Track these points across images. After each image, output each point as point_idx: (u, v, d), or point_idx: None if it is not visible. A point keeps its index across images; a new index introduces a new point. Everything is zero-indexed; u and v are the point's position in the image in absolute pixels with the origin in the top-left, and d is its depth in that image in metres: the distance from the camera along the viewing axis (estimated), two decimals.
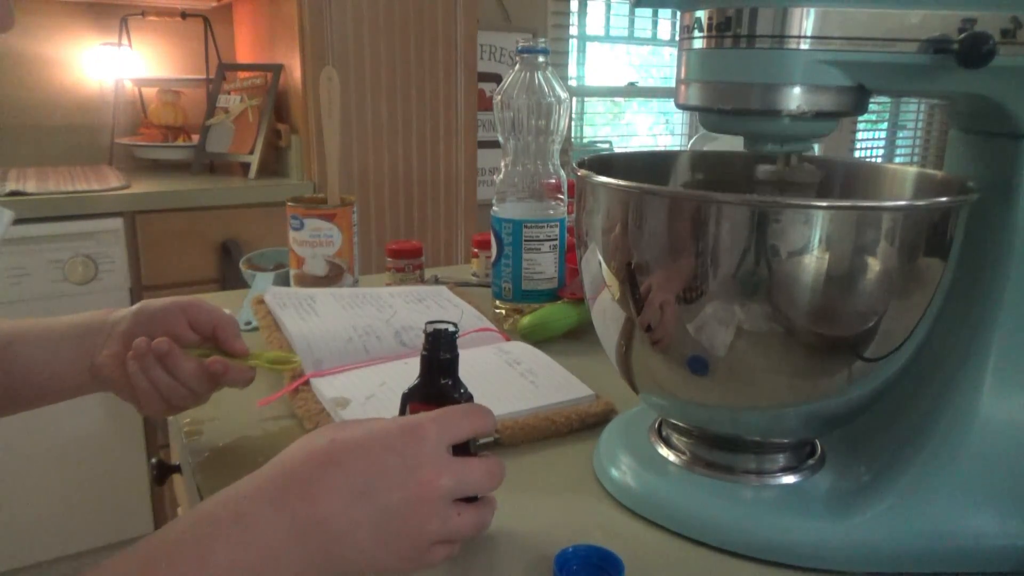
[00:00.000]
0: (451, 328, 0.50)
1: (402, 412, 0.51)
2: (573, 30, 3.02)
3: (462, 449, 0.46)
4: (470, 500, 0.45)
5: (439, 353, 0.50)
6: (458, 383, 0.51)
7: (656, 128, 3.52)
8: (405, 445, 0.43)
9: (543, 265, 0.92)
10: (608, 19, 3.19)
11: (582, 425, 0.67)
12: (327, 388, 0.70)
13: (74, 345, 0.63)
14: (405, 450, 0.43)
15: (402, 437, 0.43)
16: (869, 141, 4.04)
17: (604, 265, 0.52)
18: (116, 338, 0.62)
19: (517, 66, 0.90)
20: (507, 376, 0.73)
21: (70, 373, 0.63)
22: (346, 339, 0.78)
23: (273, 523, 0.40)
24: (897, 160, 4.12)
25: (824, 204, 0.44)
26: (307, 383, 0.72)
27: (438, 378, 0.50)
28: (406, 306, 0.88)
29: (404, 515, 0.42)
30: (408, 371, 0.74)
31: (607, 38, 3.23)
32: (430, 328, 0.50)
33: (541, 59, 0.90)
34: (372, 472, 0.42)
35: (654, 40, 3.38)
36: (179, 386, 0.60)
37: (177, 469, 0.78)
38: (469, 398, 0.51)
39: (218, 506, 0.41)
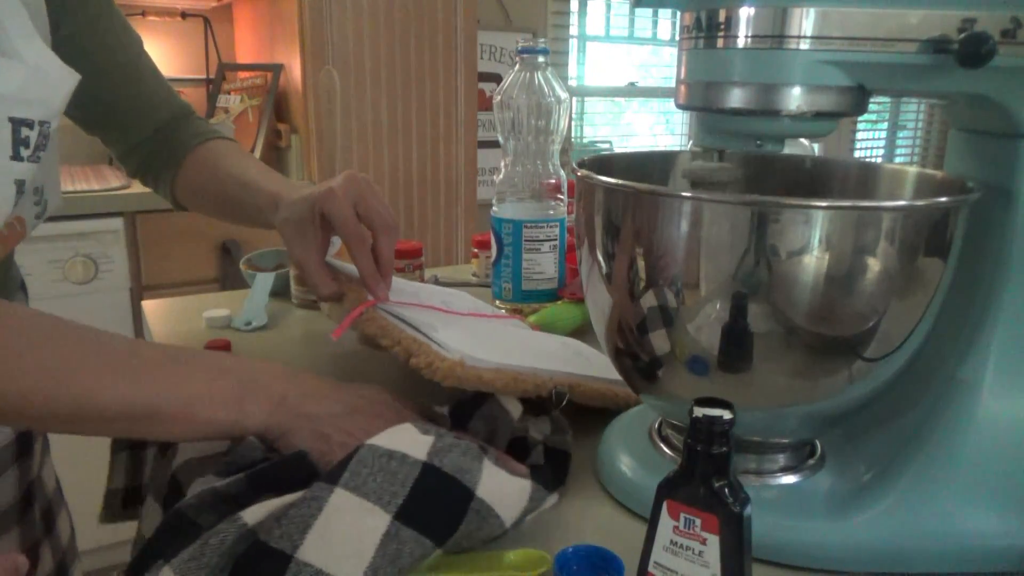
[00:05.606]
0: (727, 415, 0.40)
1: (656, 506, 0.42)
2: (573, 30, 3.02)
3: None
4: None
5: (710, 446, 0.39)
6: (735, 485, 0.40)
7: (656, 128, 3.52)
8: None
9: (543, 265, 0.92)
10: (608, 19, 3.19)
11: (635, 404, 0.66)
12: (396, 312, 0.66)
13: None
14: None
15: None
16: (869, 141, 4.05)
17: (604, 265, 0.52)
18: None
19: (517, 66, 0.90)
20: (559, 348, 0.72)
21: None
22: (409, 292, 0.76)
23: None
24: (897, 160, 4.12)
25: (824, 204, 0.44)
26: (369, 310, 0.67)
27: (709, 477, 0.40)
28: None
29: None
30: (466, 323, 0.71)
31: (607, 38, 3.23)
32: (699, 412, 0.40)
33: (541, 59, 0.90)
34: None
35: (654, 40, 3.38)
36: None
37: None
38: (746, 502, 0.40)
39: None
